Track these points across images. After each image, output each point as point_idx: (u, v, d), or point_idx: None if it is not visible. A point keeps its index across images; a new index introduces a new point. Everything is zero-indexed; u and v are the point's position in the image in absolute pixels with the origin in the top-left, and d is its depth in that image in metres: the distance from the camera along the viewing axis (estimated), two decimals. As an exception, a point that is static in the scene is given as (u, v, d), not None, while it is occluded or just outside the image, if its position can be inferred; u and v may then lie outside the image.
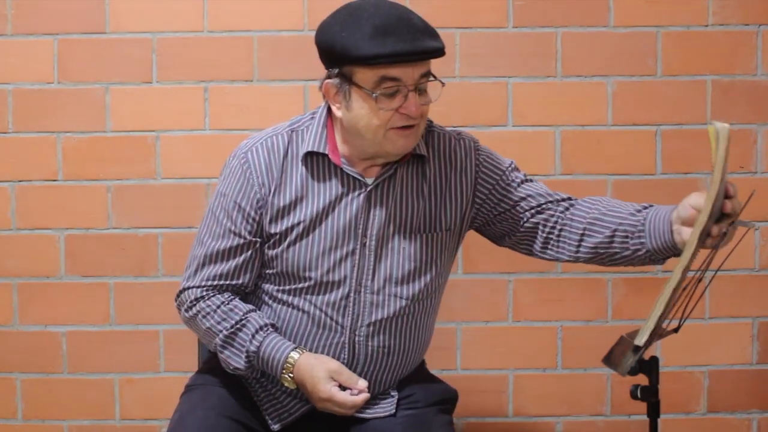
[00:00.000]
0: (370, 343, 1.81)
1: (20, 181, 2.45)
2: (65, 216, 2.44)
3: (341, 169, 1.79)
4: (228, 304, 1.81)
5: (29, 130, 2.44)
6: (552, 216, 1.84)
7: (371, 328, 1.81)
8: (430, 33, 1.70)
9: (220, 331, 1.79)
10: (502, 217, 1.87)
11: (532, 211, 1.85)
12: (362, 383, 1.76)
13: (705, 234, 1.55)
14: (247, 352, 1.78)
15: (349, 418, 1.83)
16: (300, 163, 1.80)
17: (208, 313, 1.81)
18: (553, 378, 2.49)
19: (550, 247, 1.86)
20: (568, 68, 2.44)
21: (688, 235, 1.60)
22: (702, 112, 2.45)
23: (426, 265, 1.83)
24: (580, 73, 2.44)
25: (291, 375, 1.76)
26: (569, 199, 1.86)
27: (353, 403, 1.75)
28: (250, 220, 1.81)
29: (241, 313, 1.80)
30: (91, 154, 2.43)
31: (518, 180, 1.87)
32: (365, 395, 1.76)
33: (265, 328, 1.79)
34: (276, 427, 1.84)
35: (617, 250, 1.78)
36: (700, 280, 1.62)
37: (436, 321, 1.97)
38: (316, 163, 1.81)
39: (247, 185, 1.80)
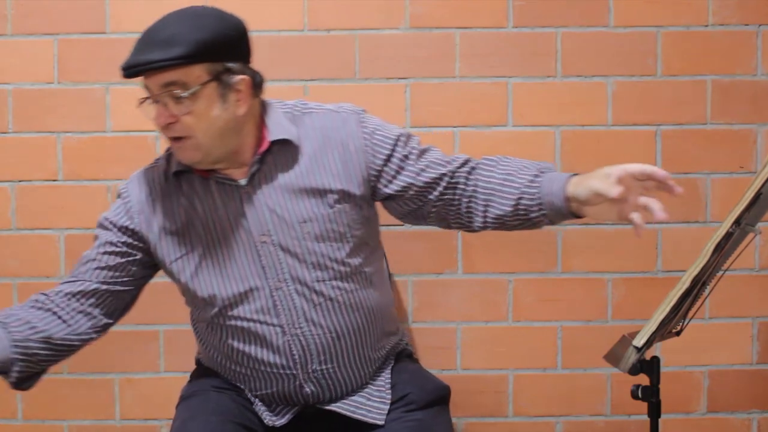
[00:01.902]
0: (314, 332, 1.79)
1: (20, 181, 2.45)
2: (65, 216, 2.44)
3: (211, 179, 1.79)
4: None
5: (29, 130, 2.44)
6: (456, 188, 1.81)
7: (309, 317, 1.79)
8: (165, 44, 1.66)
9: None
10: (406, 193, 1.82)
11: (436, 185, 1.81)
12: None
13: (721, 247, 1.56)
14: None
15: (347, 423, 1.83)
16: (177, 188, 1.81)
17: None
18: (553, 378, 2.49)
19: (460, 218, 1.84)
20: (568, 68, 2.44)
21: (591, 211, 1.61)
22: (702, 112, 2.45)
23: (337, 240, 1.79)
24: (580, 73, 2.44)
25: None
26: (467, 162, 1.82)
27: None
28: (130, 238, 1.83)
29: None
30: (91, 154, 2.43)
31: (415, 152, 1.82)
32: None
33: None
34: (269, 424, 1.83)
35: (521, 221, 1.77)
36: (705, 284, 1.63)
37: (390, 293, 1.97)
38: (189, 181, 1.81)
39: (125, 213, 1.84)
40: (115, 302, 1.85)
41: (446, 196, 1.82)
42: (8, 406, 2.47)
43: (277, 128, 1.79)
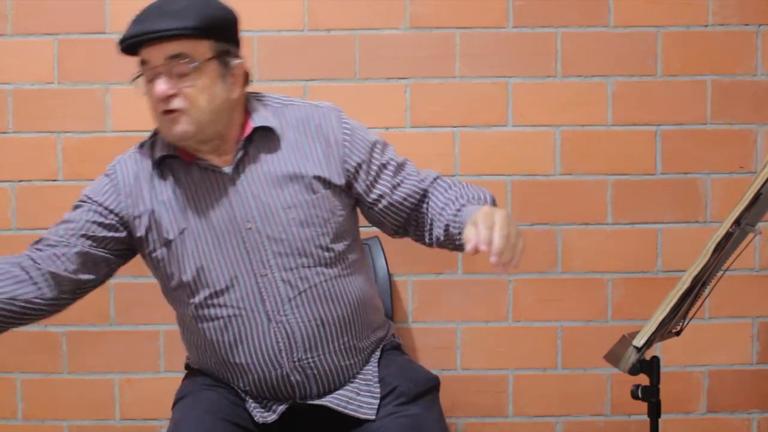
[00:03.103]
0: (299, 320, 1.80)
1: (20, 181, 2.45)
2: (65, 216, 2.44)
3: (196, 165, 1.81)
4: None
5: (29, 130, 2.44)
6: (421, 205, 1.88)
7: (293, 304, 1.80)
8: (176, 15, 1.70)
9: None
10: (378, 203, 1.87)
11: (406, 201, 1.87)
12: None
13: (721, 247, 1.56)
14: None
15: (337, 418, 1.83)
16: (162, 174, 1.82)
17: None
18: (553, 378, 2.49)
19: (416, 231, 1.91)
20: (568, 68, 2.44)
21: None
22: (702, 112, 2.45)
23: (321, 225, 1.81)
24: (580, 73, 2.44)
25: None
26: (435, 180, 1.88)
27: None
28: (107, 219, 1.82)
29: None
30: (91, 154, 2.43)
31: (393, 165, 1.87)
32: None
33: None
34: (260, 421, 1.83)
35: (454, 245, 1.81)
36: (705, 284, 1.63)
37: (374, 285, 1.99)
38: (174, 167, 1.83)
39: (113, 194, 1.83)
40: (85, 274, 1.85)
41: (412, 211, 1.89)
42: (8, 406, 2.47)
43: (260, 117, 1.82)
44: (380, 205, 1.88)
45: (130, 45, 1.73)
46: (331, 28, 2.42)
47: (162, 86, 1.71)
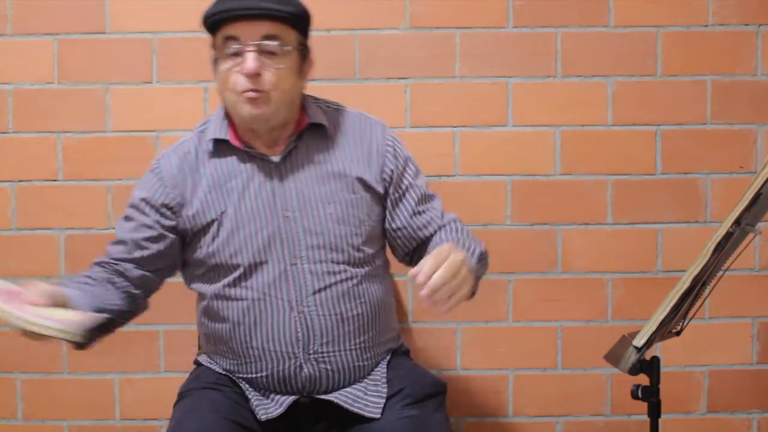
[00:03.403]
0: (320, 313, 1.84)
1: (20, 181, 2.45)
2: (65, 216, 2.44)
3: (246, 152, 1.87)
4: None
5: (29, 130, 2.44)
6: (428, 242, 1.93)
7: (317, 297, 1.84)
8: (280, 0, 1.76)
9: None
10: (394, 221, 1.94)
11: (420, 231, 1.94)
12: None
13: (721, 247, 1.56)
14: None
15: (342, 416, 1.84)
16: (210, 159, 1.88)
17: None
18: (553, 378, 2.49)
19: (410, 257, 1.99)
20: (568, 68, 2.44)
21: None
22: (702, 112, 2.45)
23: (356, 226, 1.87)
24: (580, 73, 2.44)
25: None
26: (452, 222, 1.95)
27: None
28: (165, 217, 1.88)
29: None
30: (91, 154, 2.43)
31: (420, 192, 1.94)
32: None
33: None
34: (263, 418, 1.84)
35: None
36: (705, 284, 1.63)
37: (392, 299, 2.02)
38: (223, 152, 1.88)
39: (159, 188, 1.89)
40: (161, 270, 1.94)
41: (422, 242, 1.95)
42: (8, 406, 2.47)
43: (315, 115, 1.90)
44: (395, 224, 1.94)
45: (224, 18, 1.77)
46: (331, 28, 2.42)
47: (254, 62, 1.75)
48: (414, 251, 1.97)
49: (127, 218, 1.93)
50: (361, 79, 2.43)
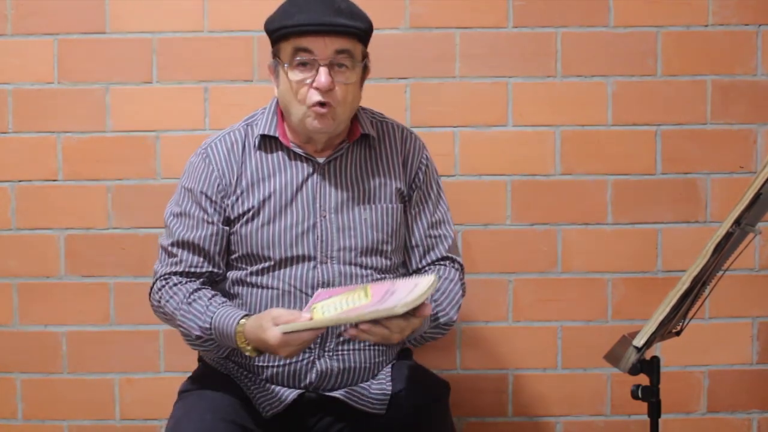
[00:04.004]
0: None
1: (20, 181, 2.44)
2: (65, 216, 2.44)
3: (293, 150, 1.90)
4: (197, 292, 1.88)
5: (29, 130, 2.44)
6: (427, 268, 1.99)
7: None
8: (349, 14, 1.81)
9: (180, 308, 1.85)
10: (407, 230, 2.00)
11: (424, 251, 2.00)
12: (306, 315, 1.72)
13: (721, 247, 1.56)
14: (202, 323, 1.82)
15: (346, 412, 1.85)
16: (256, 151, 1.92)
17: (173, 295, 1.88)
18: (553, 378, 2.49)
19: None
20: (568, 68, 2.44)
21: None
22: (702, 112, 2.45)
23: (388, 235, 1.93)
24: (580, 73, 2.44)
25: (246, 342, 1.77)
26: (452, 263, 2.00)
27: (305, 320, 1.69)
28: (218, 208, 1.91)
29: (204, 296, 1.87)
30: (91, 154, 2.43)
31: (442, 213, 2.01)
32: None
33: (217, 298, 1.86)
34: (269, 414, 1.85)
35: None
36: (705, 284, 1.62)
37: None
38: (270, 147, 1.92)
39: (210, 176, 1.92)
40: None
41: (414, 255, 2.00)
42: (8, 406, 2.47)
43: (366, 125, 1.96)
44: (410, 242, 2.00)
45: (296, 32, 1.80)
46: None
47: (328, 77, 1.79)
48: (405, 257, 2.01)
49: (185, 215, 1.93)
50: (361, 79, 2.43)
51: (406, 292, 1.64)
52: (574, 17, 2.43)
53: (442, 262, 1.99)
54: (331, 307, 1.68)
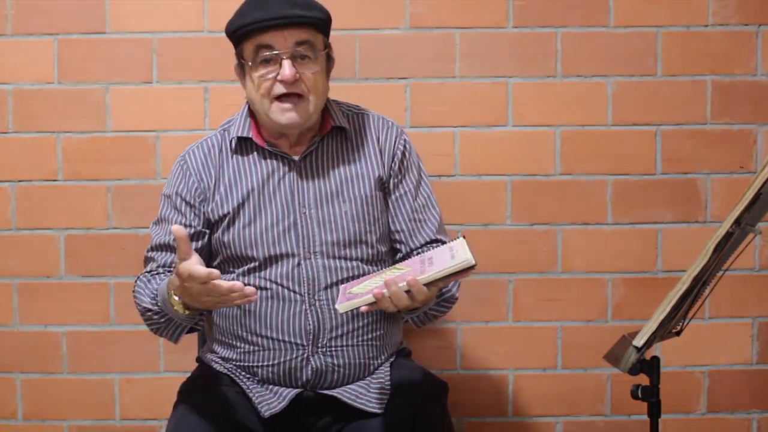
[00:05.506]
0: (332, 307, 1.87)
1: (20, 181, 2.45)
2: (65, 216, 2.44)
3: (267, 150, 1.92)
4: (158, 276, 1.91)
5: (29, 130, 2.44)
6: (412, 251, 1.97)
7: (329, 292, 1.88)
8: (305, 5, 1.84)
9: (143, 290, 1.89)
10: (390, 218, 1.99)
11: (409, 235, 1.98)
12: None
13: (721, 247, 1.56)
14: (150, 292, 1.86)
15: (345, 411, 1.85)
16: (233, 155, 1.94)
17: (143, 286, 1.90)
18: (553, 378, 2.49)
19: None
20: (568, 68, 2.44)
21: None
22: (702, 112, 2.45)
23: (370, 224, 1.93)
24: (580, 73, 2.44)
25: (176, 294, 1.77)
26: (436, 242, 1.98)
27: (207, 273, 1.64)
28: (197, 212, 1.94)
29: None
30: (91, 154, 2.43)
31: (425, 197, 2.00)
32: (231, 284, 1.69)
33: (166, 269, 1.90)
34: (267, 414, 1.85)
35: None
36: (705, 283, 1.62)
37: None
38: (245, 149, 1.94)
39: (188, 181, 1.95)
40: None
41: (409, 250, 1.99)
42: (8, 406, 2.47)
43: (338, 118, 1.97)
44: (393, 227, 1.99)
45: (254, 29, 1.83)
46: (331, 28, 2.41)
47: (291, 69, 1.82)
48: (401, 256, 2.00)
49: (163, 220, 1.97)
50: (361, 79, 2.43)
51: (448, 256, 1.67)
52: (574, 17, 2.43)
53: (432, 245, 1.98)
54: (371, 285, 1.70)
